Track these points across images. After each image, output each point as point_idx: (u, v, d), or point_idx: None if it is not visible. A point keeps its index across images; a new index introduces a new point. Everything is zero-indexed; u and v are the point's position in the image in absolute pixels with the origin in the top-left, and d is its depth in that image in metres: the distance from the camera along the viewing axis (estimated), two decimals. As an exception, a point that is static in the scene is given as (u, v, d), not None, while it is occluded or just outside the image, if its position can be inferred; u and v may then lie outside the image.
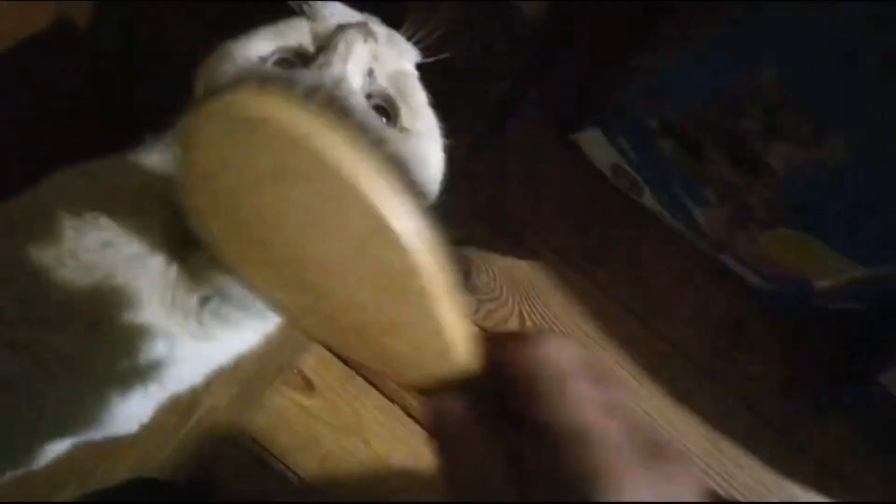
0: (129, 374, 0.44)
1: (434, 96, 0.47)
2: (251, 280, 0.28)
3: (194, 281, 0.44)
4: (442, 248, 0.24)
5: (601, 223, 0.84)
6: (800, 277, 0.72)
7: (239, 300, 0.44)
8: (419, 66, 0.48)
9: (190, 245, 0.43)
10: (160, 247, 0.43)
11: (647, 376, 0.83)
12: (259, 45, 0.42)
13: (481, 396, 0.27)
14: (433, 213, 0.24)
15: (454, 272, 0.25)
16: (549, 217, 0.84)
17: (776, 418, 0.83)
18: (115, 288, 0.42)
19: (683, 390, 0.82)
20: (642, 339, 0.84)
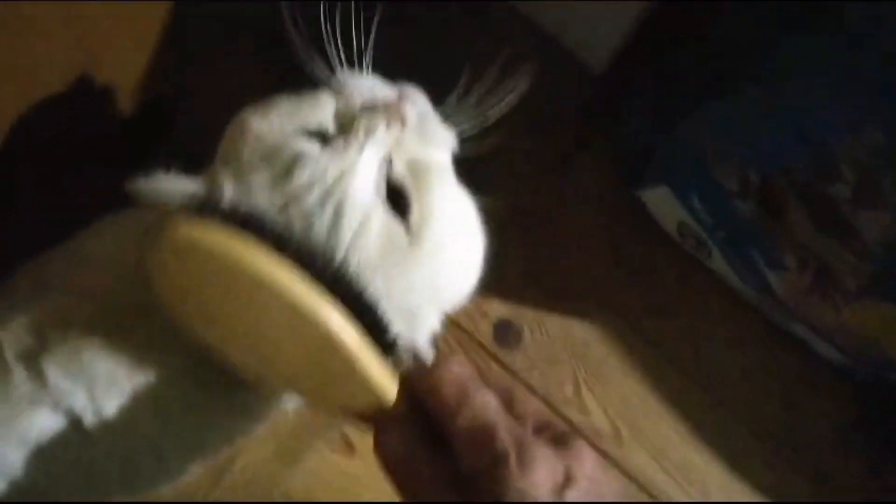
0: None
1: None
2: (219, 349, 0.37)
3: None
4: (353, 322, 0.32)
5: (663, 283, 0.80)
6: (882, 351, 0.67)
7: None
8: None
9: None
10: None
11: (703, 440, 0.78)
12: (276, 122, 0.39)
13: (418, 425, 0.32)
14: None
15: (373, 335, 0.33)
16: (608, 276, 0.80)
17: (838, 484, 0.77)
18: None
19: (740, 453, 0.78)
20: (699, 404, 0.79)
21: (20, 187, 0.55)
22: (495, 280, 0.43)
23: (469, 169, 0.45)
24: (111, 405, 0.38)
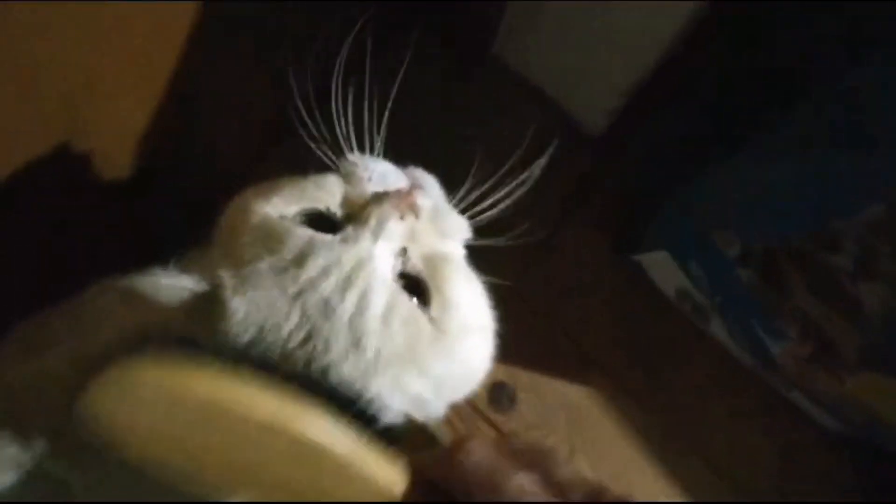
0: None
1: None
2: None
3: None
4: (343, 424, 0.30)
5: (660, 348, 0.80)
6: (881, 422, 0.66)
7: None
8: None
9: None
10: None
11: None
12: (280, 204, 0.38)
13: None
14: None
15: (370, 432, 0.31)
16: (605, 339, 0.79)
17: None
18: None
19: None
20: (694, 469, 0.78)
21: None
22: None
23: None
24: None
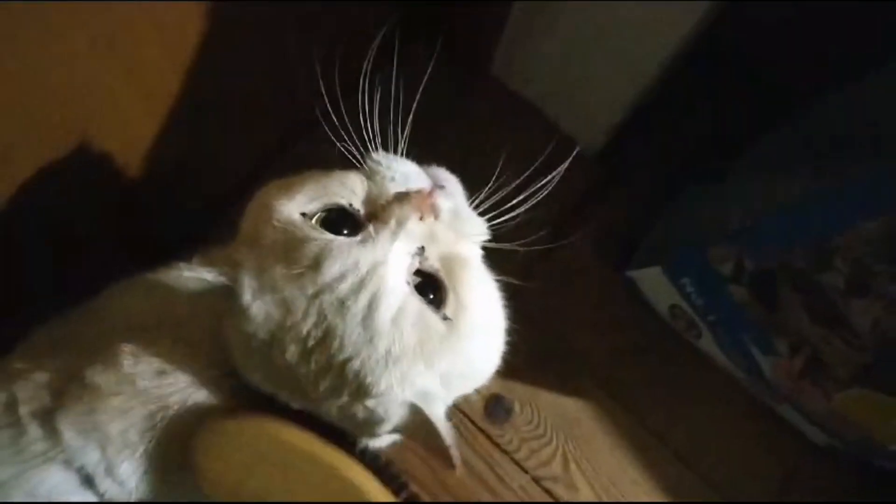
0: None
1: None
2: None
3: None
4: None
5: (653, 362, 0.81)
6: (870, 438, 0.67)
7: None
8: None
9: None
10: (206, 380, 0.41)
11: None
12: (302, 201, 0.39)
13: None
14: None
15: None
16: (599, 354, 0.80)
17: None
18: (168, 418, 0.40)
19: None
20: (688, 484, 0.79)
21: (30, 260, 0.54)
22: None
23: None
24: (123, 464, 0.38)
